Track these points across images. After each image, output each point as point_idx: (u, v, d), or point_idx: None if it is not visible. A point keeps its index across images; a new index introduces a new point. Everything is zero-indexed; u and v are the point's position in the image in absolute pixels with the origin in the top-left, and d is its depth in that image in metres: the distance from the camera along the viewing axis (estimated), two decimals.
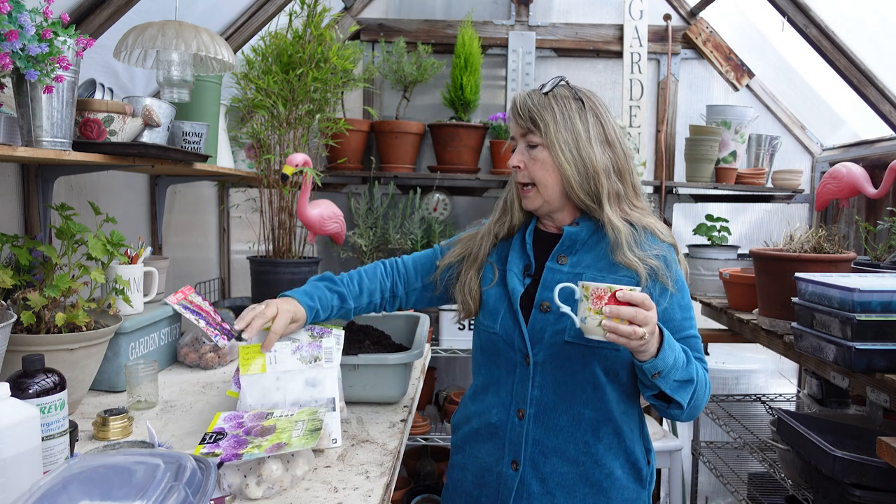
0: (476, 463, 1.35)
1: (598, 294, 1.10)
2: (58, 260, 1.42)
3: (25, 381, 1.09)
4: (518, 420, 1.28)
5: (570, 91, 1.28)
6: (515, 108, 1.29)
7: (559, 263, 1.29)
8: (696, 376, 1.19)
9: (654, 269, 1.24)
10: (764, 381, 3.30)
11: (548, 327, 1.25)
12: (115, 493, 0.84)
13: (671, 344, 1.14)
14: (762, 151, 3.03)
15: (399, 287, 1.48)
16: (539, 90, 1.29)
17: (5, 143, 1.34)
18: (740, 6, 3.05)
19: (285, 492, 1.13)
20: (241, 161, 2.64)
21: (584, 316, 1.12)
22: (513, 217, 1.37)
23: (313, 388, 1.35)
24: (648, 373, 1.13)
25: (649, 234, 1.28)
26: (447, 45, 3.09)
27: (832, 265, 1.89)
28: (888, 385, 1.52)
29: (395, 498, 2.88)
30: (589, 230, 1.30)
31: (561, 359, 1.24)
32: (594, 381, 1.25)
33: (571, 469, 1.26)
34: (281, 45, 2.28)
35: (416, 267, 1.49)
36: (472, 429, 1.37)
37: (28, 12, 1.17)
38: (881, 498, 1.62)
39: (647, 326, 1.07)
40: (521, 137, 1.30)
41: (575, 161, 1.24)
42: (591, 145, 1.25)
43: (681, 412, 1.20)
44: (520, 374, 1.28)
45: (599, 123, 1.27)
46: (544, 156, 1.26)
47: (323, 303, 1.39)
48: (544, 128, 1.25)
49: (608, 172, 1.26)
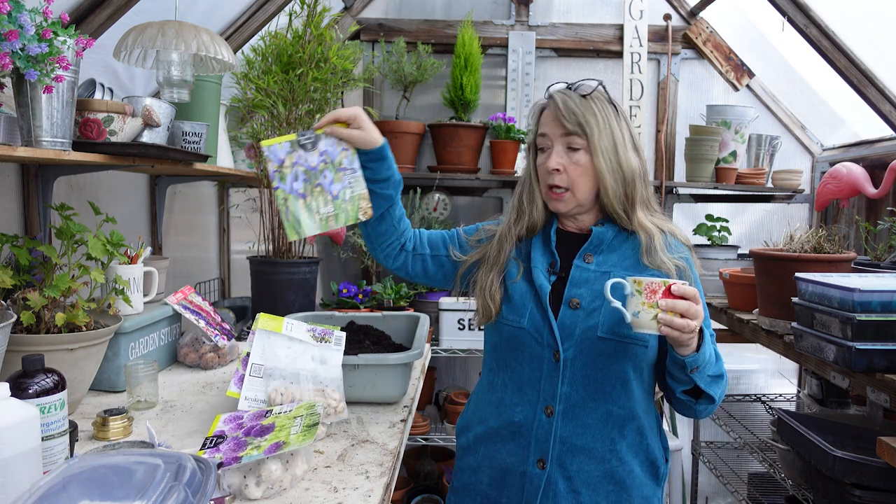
0: (494, 464, 1.33)
1: (651, 288, 1.12)
2: (58, 260, 1.42)
3: (25, 381, 1.09)
4: (546, 417, 1.27)
5: (605, 95, 1.28)
6: (559, 109, 1.26)
7: (586, 262, 1.30)
8: (724, 372, 1.25)
9: (680, 270, 1.28)
10: (764, 381, 3.30)
11: (578, 323, 1.25)
12: (115, 493, 0.84)
13: (707, 339, 1.18)
14: (762, 151, 3.03)
15: (409, 244, 1.43)
16: (574, 90, 1.27)
17: (5, 143, 1.34)
18: (740, 6, 3.05)
19: (285, 492, 1.13)
20: (241, 161, 2.64)
21: (637, 310, 1.13)
22: (532, 216, 1.35)
23: (321, 364, 1.44)
24: (689, 367, 1.15)
25: (673, 237, 1.32)
26: (447, 45, 3.09)
27: (832, 265, 1.89)
28: (888, 385, 1.52)
29: (395, 498, 2.88)
30: (614, 231, 1.32)
31: (592, 355, 1.25)
32: (623, 378, 1.26)
33: (597, 466, 1.26)
34: (281, 45, 2.28)
35: (429, 238, 1.46)
36: (488, 429, 1.35)
37: (28, 12, 1.17)
38: (881, 498, 1.62)
39: (697, 319, 1.10)
40: (561, 138, 1.27)
41: (613, 168, 1.25)
42: (627, 151, 1.26)
43: (710, 406, 1.25)
44: (548, 371, 1.27)
45: (629, 129, 1.29)
46: (586, 160, 1.26)
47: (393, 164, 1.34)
48: (590, 133, 1.24)
49: (641, 178, 1.29)
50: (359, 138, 1.29)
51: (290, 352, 1.43)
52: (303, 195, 1.31)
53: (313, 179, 1.31)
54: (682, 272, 1.28)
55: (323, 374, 1.43)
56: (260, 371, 1.39)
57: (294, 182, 1.31)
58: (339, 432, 1.42)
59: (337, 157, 1.32)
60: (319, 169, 1.31)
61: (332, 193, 1.32)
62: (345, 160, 1.32)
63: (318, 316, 1.88)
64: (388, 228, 1.38)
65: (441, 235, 1.47)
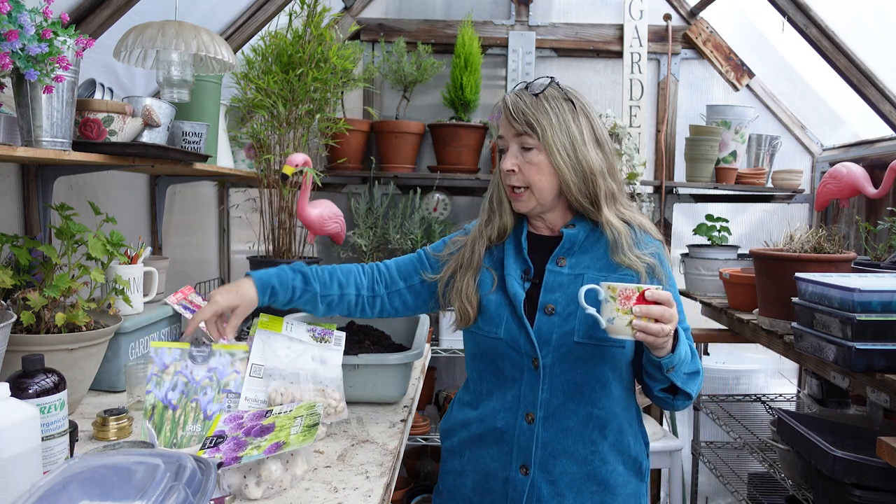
0: (477, 468, 1.33)
1: (626, 294, 1.11)
2: (58, 260, 1.42)
3: (25, 381, 1.09)
4: (527, 424, 1.27)
5: (560, 92, 1.27)
6: (508, 110, 1.26)
7: (559, 266, 1.29)
8: (700, 368, 1.25)
9: (651, 267, 1.27)
10: (764, 381, 3.30)
11: (554, 329, 1.25)
12: (115, 493, 0.84)
13: (682, 338, 1.18)
14: (762, 151, 3.03)
15: (380, 287, 1.42)
16: (526, 90, 1.27)
17: (5, 143, 1.34)
18: (740, 6, 3.05)
19: (285, 492, 1.13)
20: (241, 161, 2.64)
21: (612, 316, 1.13)
22: (502, 218, 1.34)
23: (321, 364, 1.44)
24: (665, 367, 1.16)
25: (643, 232, 1.31)
26: (447, 45, 3.09)
27: (832, 265, 1.89)
28: (888, 385, 1.52)
29: (395, 498, 2.88)
30: (585, 231, 1.30)
31: (570, 360, 1.25)
32: (602, 380, 1.26)
33: (580, 469, 1.27)
34: (281, 45, 2.29)
35: (398, 269, 1.44)
36: (472, 434, 1.35)
37: (28, 12, 1.17)
38: (881, 498, 1.62)
39: (671, 323, 1.10)
40: (514, 139, 1.27)
41: (572, 164, 1.24)
42: (587, 147, 1.25)
43: (688, 401, 1.25)
44: (528, 378, 1.27)
45: (590, 124, 1.27)
46: (540, 159, 1.25)
47: (282, 279, 1.34)
48: (541, 131, 1.23)
49: (603, 173, 1.26)
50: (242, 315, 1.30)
51: (290, 352, 1.43)
52: (174, 407, 1.28)
53: (191, 394, 1.29)
54: (653, 270, 1.27)
55: (323, 374, 1.43)
56: (260, 371, 1.39)
57: (170, 391, 1.29)
58: (339, 432, 1.42)
59: (224, 378, 1.32)
60: (202, 385, 1.30)
61: (205, 413, 1.30)
62: (232, 383, 1.32)
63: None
64: (339, 303, 1.40)
65: (409, 262, 1.44)
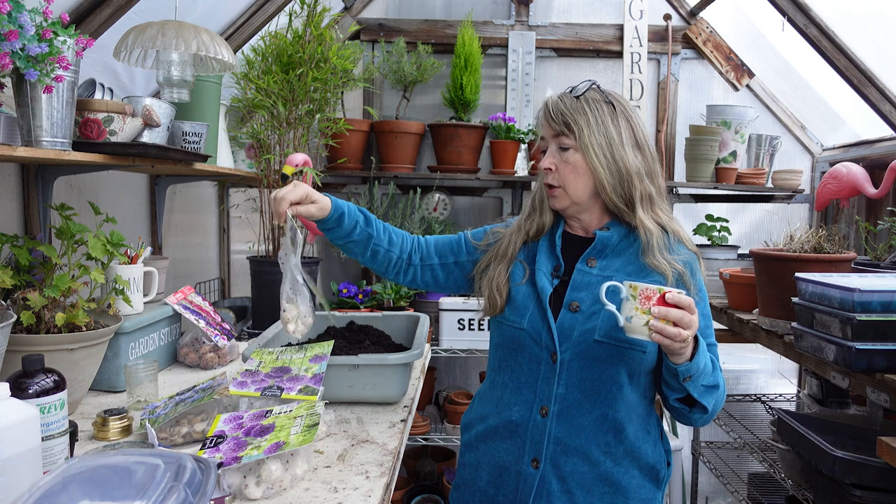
0: (492, 461, 1.35)
1: (646, 294, 1.11)
2: (58, 260, 1.42)
3: (25, 381, 1.09)
4: (541, 418, 1.28)
5: (601, 95, 1.29)
6: (548, 111, 1.30)
7: (588, 266, 1.31)
8: (720, 382, 1.24)
9: (680, 274, 1.27)
10: (764, 381, 3.30)
11: (576, 326, 1.26)
12: (115, 493, 0.84)
13: (703, 349, 1.18)
14: (762, 151, 3.03)
15: (416, 257, 1.45)
16: (570, 93, 1.30)
17: (5, 143, 1.34)
18: (740, 6, 3.05)
19: (285, 492, 1.13)
20: (241, 161, 2.64)
21: (630, 315, 1.13)
22: (542, 215, 1.37)
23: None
24: (681, 376, 1.16)
25: (677, 239, 1.32)
26: (447, 45, 3.09)
27: (832, 265, 1.89)
28: (888, 385, 1.52)
29: (395, 498, 2.88)
30: (620, 235, 1.32)
31: (588, 358, 1.26)
32: (618, 382, 1.26)
33: (592, 469, 1.27)
34: (281, 45, 2.29)
35: (436, 245, 1.47)
36: (488, 427, 1.36)
37: (28, 12, 1.17)
38: (881, 498, 1.62)
39: (690, 329, 1.10)
40: (553, 139, 1.31)
41: (608, 164, 1.26)
42: (624, 149, 1.27)
43: (704, 416, 1.24)
44: (545, 372, 1.28)
45: (630, 127, 1.29)
46: (576, 159, 1.28)
47: (350, 210, 1.36)
48: (578, 131, 1.26)
49: (640, 175, 1.28)
50: (317, 212, 1.32)
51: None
52: None
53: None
54: (681, 278, 1.27)
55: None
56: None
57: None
58: (339, 432, 1.42)
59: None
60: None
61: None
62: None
63: (318, 315, 1.87)
64: (384, 258, 1.41)
65: (448, 242, 1.48)
